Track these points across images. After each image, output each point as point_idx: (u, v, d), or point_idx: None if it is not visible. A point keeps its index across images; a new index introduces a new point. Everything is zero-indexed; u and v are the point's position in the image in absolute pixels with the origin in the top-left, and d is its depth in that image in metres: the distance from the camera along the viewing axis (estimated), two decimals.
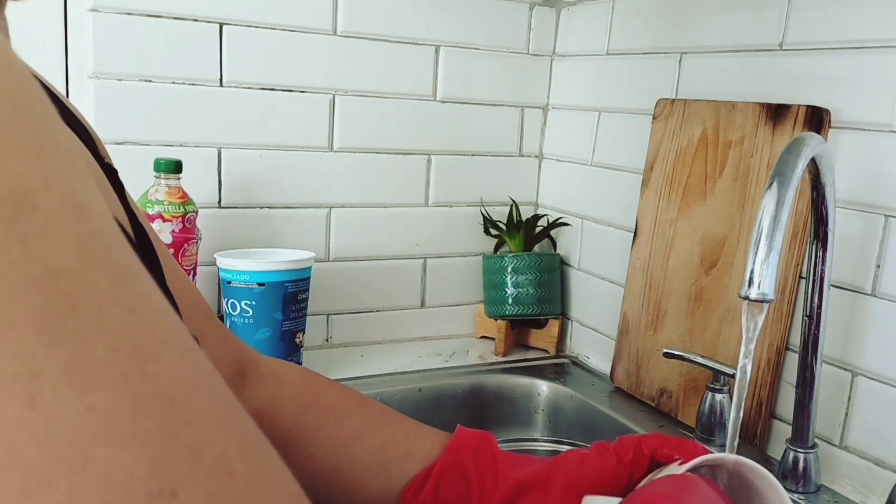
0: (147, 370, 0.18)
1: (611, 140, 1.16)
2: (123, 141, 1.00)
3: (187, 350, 0.20)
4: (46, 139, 0.19)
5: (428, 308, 1.26)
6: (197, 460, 0.18)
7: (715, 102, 0.96)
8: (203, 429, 0.19)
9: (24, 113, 0.19)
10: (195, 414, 0.19)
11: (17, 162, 0.18)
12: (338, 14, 1.10)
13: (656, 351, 1.01)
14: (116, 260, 0.19)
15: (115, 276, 0.19)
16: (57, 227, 0.18)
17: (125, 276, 0.19)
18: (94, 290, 0.18)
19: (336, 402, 0.57)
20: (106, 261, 0.19)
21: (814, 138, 0.67)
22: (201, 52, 1.03)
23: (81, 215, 0.19)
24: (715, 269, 0.94)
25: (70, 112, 0.42)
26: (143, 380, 0.18)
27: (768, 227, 0.61)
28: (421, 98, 1.18)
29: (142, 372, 0.18)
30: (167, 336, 0.19)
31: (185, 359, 0.20)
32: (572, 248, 1.24)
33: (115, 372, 0.17)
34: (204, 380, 0.20)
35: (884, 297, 0.79)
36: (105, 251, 0.19)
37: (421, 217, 1.22)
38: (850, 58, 0.82)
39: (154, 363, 0.18)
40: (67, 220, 0.18)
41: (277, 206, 1.11)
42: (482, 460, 0.54)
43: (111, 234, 0.20)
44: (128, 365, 0.18)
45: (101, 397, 0.17)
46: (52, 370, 0.17)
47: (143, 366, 0.18)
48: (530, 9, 1.23)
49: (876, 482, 0.80)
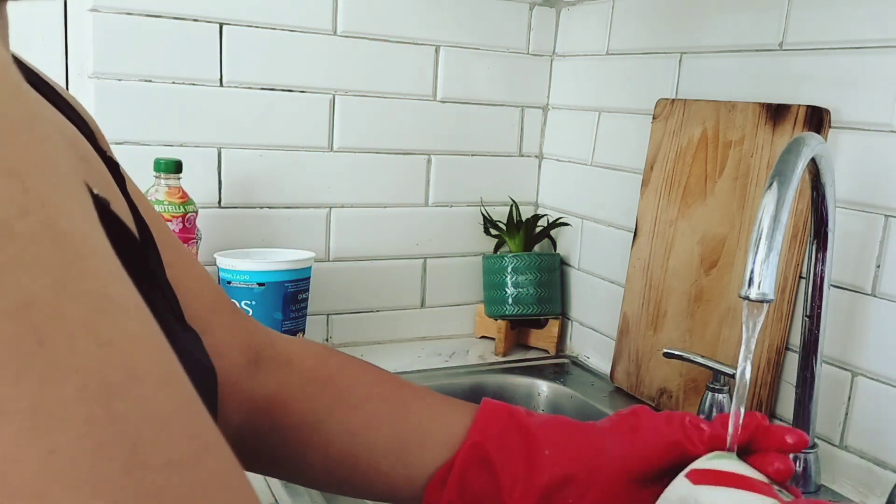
0: (114, 410, 0.17)
1: (611, 140, 1.16)
2: (123, 141, 1.00)
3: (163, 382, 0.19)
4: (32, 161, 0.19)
5: (428, 308, 1.26)
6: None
7: (715, 102, 0.96)
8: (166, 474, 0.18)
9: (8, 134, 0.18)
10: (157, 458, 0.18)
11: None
12: (338, 14, 1.10)
13: (656, 351, 1.01)
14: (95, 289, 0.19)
15: (92, 307, 0.18)
16: (32, 257, 0.17)
17: (103, 305, 0.19)
18: (65, 323, 0.17)
19: (350, 384, 0.54)
20: (82, 291, 0.18)
21: (814, 138, 0.67)
22: (201, 52, 1.03)
23: (60, 243, 0.18)
24: (715, 269, 0.94)
25: (70, 106, 0.42)
26: (108, 421, 0.17)
27: (768, 227, 0.61)
28: (421, 98, 1.18)
29: (108, 412, 0.17)
30: (143, 369, 0.19)
31: (157, 395, 0.19)
32: (572, 248, 1.24)
33: (80, 413, 0.17)
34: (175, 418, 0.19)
35: (884, 297, 0.79)
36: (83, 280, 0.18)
37: (421, 217, 1.22)
38: (850, 58, 0.82)
39: (122, 402, 0.18)
40: (44, 249, 0.18)
41: (277, 206, 1.11)
42: (509, 445, 0.50)
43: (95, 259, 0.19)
44: (94, 405, 0.17)
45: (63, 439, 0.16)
46: (16, 408, 0.16)
47: (111, 405, 0.17)
48: (530, 9, 1.23)
49: (876, 482, 0.80)
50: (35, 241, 0.17)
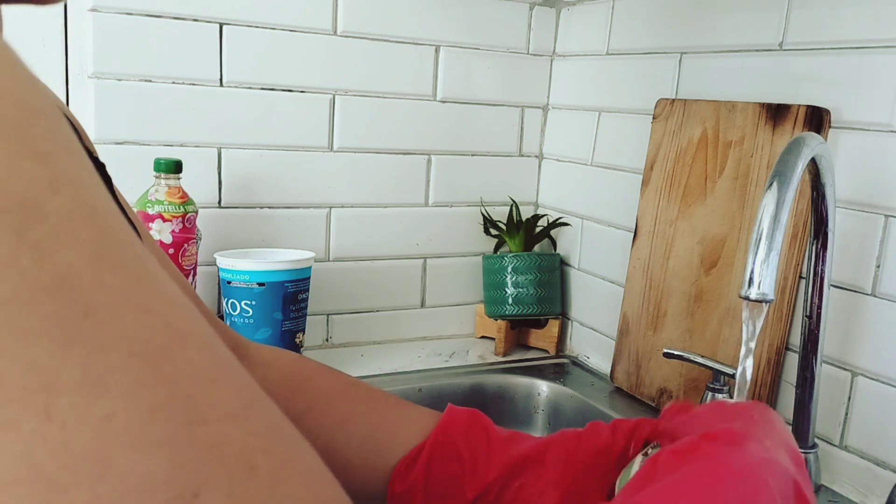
0: (163, 372, 0.18)
1: (611, 140, 1.16)
2: (123, 141, 1.00)
3: (204, 344, 0.20)
4: (57, 142, 0.19)
5: (428, 308, 1.26)
6: (217, 460, 0.18)
7: (715, 102, 0.96)
8: (221, 427, 0.19)
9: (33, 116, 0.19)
10: (213, 412, 0.19)
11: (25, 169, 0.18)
12: (337, 14, 1.10)
13: (656, 351, 1.01)
14: (130, 260, 0.19)
15: (130, 277, 0.19)
16: (68, 232, 0.18)
17: (140, 275, 0.19)
18: (107, 294, 0.18)
19: (326, 386, 0.56)
20: (119, 262, 0.19)
21: (814, 138, 0.67)
22: (201, 52, 1.03)
23: (93, 217, 0.19)
24: (715, 269, 0.94)
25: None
26: (158, 383, 0.18)
27: (768, 227, 0.61)
28: (421, 98, 1.18)
29: (157, 375, 0.18)
30: (183, 333, 0.19)
31: (201, 355, 0.20)
32: (572, 248, 1.24)
33: (130, 377, 0.17)
34: (221, 374, 0.20)
35: (884, 297, 0.79)
36: (118, 252, 0.19)
37: (421, 217, 1.22)
38: (850, 58, 0.82)
39: (170, 364, 0.18)
40: (78, 224, 0.18)
41: (277, 206, 1.11)
42: (475, 438, 0.53)
43: (124, 234, 0.20)
44: (143, 369, 0.18)
45: (118, 404, 0.17)
46: (68, 380, 0.16)
47: (159, 368, 0.18)
48: (530, 9, 1.23)
49: (876, 482, 0.80)
50: (69, 217, 0.18)
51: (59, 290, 0.17)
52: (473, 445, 0.53)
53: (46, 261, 0.17)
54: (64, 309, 0.17)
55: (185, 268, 0.98)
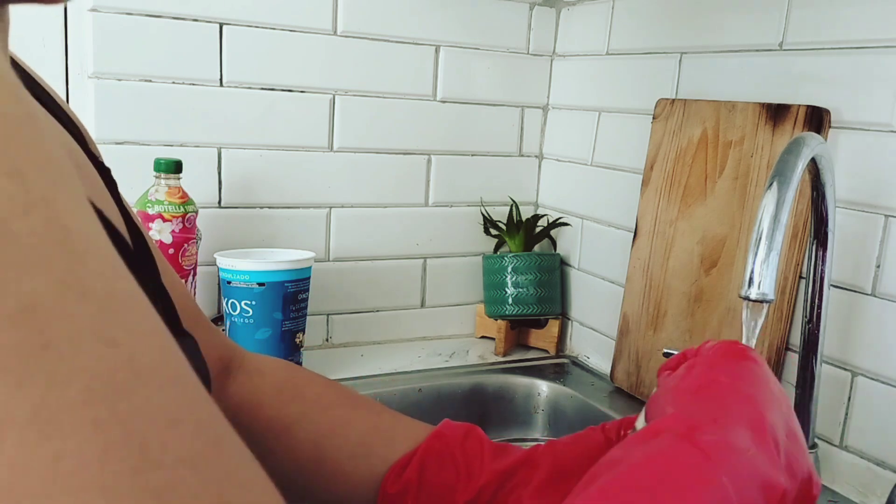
0: (120, 411, 0.17)
1: (611, 140, 1.16)
2: (123, 141, 1.00)
3: (169, 380, 0.19)
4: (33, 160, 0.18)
5: (428, 308, 1.26)
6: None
7: (715, 102, 0.96)
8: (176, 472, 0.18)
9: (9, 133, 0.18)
10: (168, 456, 0.18)
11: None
12: (337, 14, 1.10)
13: (656, 351, 1.01)
14: (100, 287, 0.18)
15: (97, 306, 0.18)
16: (36, 257, 0.17)
17: (109, 304, 0.18)
18: (70, 324, 0.17)
19: (319, 393, 0.56)
20: (87, 290, 0.18)
21: (814, 138, 0.67)
22: (201, 52, 1.03)
23: (64, 241, 0.18)
24: (715, 269, 0.94)
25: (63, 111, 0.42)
26: (114, 422, 0.17)
27: (768, 227, 0.61)
28: (421, 98, 1.18)
29: (114, 414, 0.17)
30: (146, 368, 0.18)
31: (163, 393, 0.18)
32: (572, 248, 1.24)
33: (85, 415, 0.17)
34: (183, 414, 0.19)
35: (884, 297, 0.79)
36: (87, 279, 0.18)
37: (421, 217, 1.22)
38: (850, 58, 0.82)
39: (128, 402, 0.17)
40: (48, 249, 0.17)
41: (277, 206, 1.11)
42: (470, 448, 0.53)
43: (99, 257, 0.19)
44: (100, 407, 0.17)
45: (69, 444, 0.16)
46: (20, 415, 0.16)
47: (117, 406, 0.17)
48: (530, 9, 1.23)
49: (876, 482, 0.80)
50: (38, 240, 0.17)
51: (20, 319, 0.16)
52: (469, 453, 0.53)
53: (11, 287, 0.16)
54: (24, 340, 0.16)
55: (185, 268, 0.98)
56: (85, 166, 0.38)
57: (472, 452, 0.53)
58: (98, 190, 0.38)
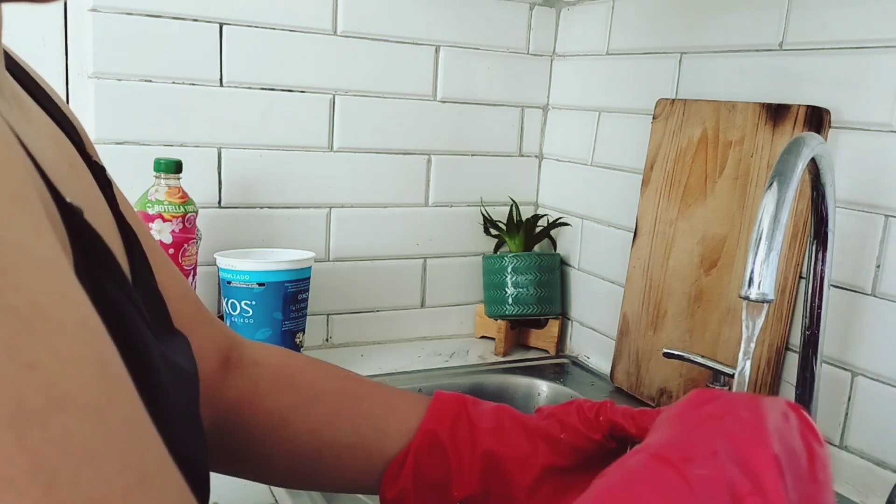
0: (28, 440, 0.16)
1: (611, 140, 1.16)
2: (123, 141, 1.00)
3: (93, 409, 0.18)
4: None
5: (428, 308, 1.26)
6: None
7: (715, 102, 0.96)
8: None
9: None
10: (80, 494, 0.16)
11: None
12: (338, 14, 1.10)
13: (656, 351, 1.01)
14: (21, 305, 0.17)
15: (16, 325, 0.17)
16: None
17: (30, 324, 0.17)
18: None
19: (312, 381, 0.56)
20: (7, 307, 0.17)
21: (814, 138, 0.67)
22: (201, 52, 1.03)
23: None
24: (715, 269, 0.94)
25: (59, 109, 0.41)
26: (20, 453, 0.16)
27: (768, 227, 0.61)
28: (421, 98, 1.18)
29: (22, 444, 0.16)
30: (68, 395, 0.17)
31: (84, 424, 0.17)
32: (572, 248, 1.24)
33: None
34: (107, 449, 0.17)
35: (884, 297, 0.79)
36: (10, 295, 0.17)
37: (421, 217, 1.22)
38: (850, 58, 0.82)
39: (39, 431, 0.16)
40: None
41: (277, 206, 1.11)
42: (459, 432, 0.53)
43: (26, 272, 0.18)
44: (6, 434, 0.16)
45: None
46: None
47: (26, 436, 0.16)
48: (530, 9, 1.23)
49: (876, 482, 0.80)
50: None
51: None
52: (459, 445, 0.53)
53: None
54: None
55: (185, 268, 0.98)
56: (78, 165, 0.38)
57: (462, 441, 0.53)
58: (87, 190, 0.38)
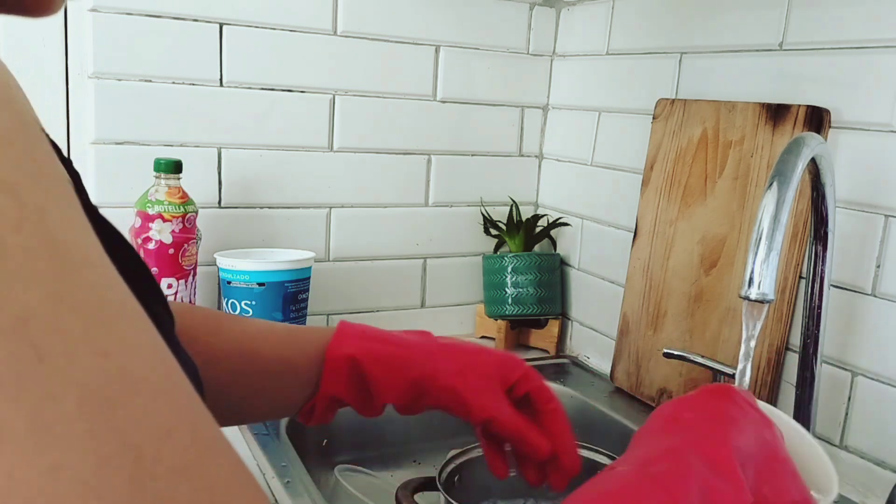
0: (115, 422, 0.17)
1: (611, 140, 1.16)
2: (123, 141, 1.00)
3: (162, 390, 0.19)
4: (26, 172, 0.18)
5: (428, 308, 1.26)
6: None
7: (715, 102, 0.96)
8: (169, 482, 0.18)
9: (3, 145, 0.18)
10: (162, 465, 0.18)
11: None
12: (338, 14, 1.10)
13: (656, 351, 1.01)
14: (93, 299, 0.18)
15: (90, 318, 0.18)
16: (29, 271, 0.17)
17: (101, 316, 0.19)
18: (64, 337, 0.17)
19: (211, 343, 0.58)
20: (80, 302, 0.18)
21: (814, 138, 0.67)
22: (201, 52, 1.03)
23: (56, 254, 0.18)
24: (715, 269, 0.94)
25: None
26: (110, 434, 0.17)
27: (768, 227, 0.61)
28: (421, 98, 1.18)
29: (108, 424, 0.17)
30: (139, 379, 0.19)
31: (156, 402, 0.19)
32: (572, 248, 1.24)
33: (80, 427, 0.17)
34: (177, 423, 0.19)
35: (884, 297, 0.79)
36: (79, 292, 0.18)
37: (421, 217, 1.22)
38: (850, 58, 0.82)
39: (123, 412, 0.18)
40: (40, 262, 0.18)
41: (277, 206, 1.11)
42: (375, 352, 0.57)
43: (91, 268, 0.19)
44: (94, 418, 0.17)
45: (66, 456, 0.16)
46: (16, 428, 0.16)
47: (112, 417, 0.17)
48: (530, 9, 1.23)
49: (876, 482, 0.80)
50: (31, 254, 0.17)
51: (15, 332, 0.17)
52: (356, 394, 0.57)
53: (5, 301, 0.17)
54: (18, 353, 0.16)
55: (185, 268, 0.98)
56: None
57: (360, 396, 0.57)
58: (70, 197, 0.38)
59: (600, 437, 1.03)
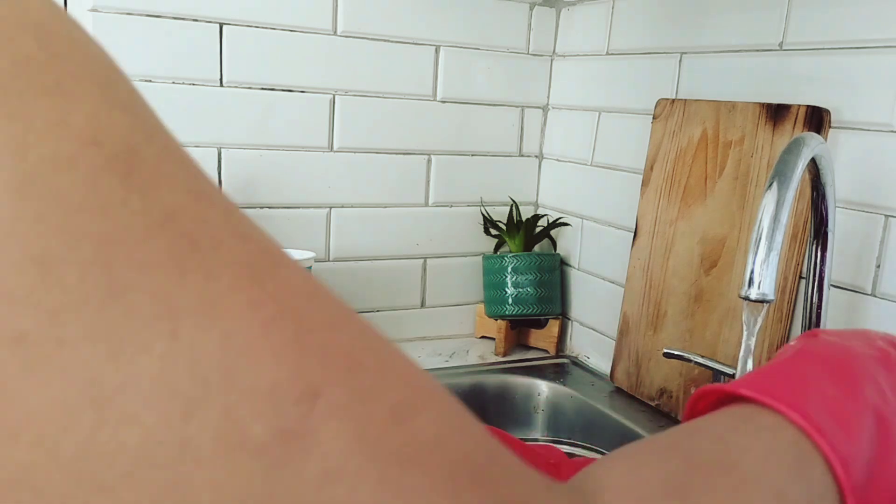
0: (269, 290, 0.20)
1: (611, 140, 1.16)
2: None
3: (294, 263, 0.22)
4: (135, 96, 0.22)
5: (428, 308, 1.26)
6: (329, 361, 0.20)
7: (715, 102, 0.96)
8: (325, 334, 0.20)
9: (117, 75, 0.21)
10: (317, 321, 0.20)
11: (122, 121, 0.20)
12: (338, 14, 1.10)
13: (656, 351, 1.01)
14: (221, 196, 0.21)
15: (224, 210, 0.21)
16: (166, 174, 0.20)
17: (232, 208, 0.21)
18: (209, 226, 0.20)
19: None
20: (214, 198, 0.21)
21: (814, 138, 0.67)
22: (201, 52, 1.03)
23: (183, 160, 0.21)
24: (715, 269, 0.94)
25: None
26: (267, 300, 0.20)
27: (768, 227, 0.61)
28: (421, 98, 1.18)
29: (265, 293, 0.20)
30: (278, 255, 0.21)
31: (297, 273, 0.21)
32: (572, 248, 1.24)
33: (241, 298, 0.19)
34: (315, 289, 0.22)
35: (884, 297, 0.79)
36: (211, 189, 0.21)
37: (421, 217, 1.22)
38: (850, 58, 0.82)
39: (273, 282, 0.20)
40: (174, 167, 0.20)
41: (277, 206, 1.11)
42: None
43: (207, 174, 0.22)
44: (251, 289, 0.20)
45: (234, 323, 0.19)
46: (188, 304, 0.18)
47: (265, 287, 0.20)
48: (530, 9, 1.23)
49: None
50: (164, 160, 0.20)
51: (168, 226, 0.19)
52: None
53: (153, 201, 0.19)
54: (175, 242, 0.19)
55: None
56: None
57: None
58: None
59: (600, 437, 1.03)
